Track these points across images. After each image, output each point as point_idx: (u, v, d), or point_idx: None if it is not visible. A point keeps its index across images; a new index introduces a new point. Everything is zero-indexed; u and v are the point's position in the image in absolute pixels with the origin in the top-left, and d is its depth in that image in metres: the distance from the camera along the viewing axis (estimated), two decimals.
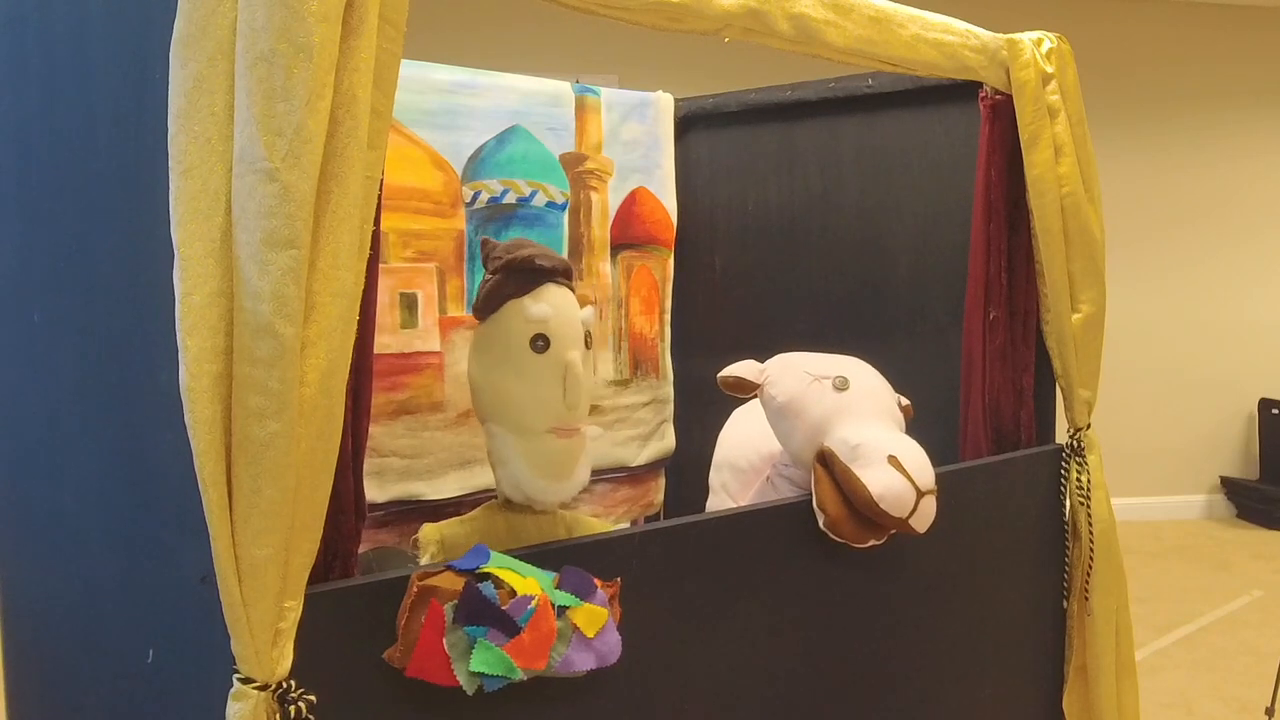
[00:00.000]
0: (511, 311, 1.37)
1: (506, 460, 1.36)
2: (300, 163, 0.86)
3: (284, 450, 0.87)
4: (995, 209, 1.75)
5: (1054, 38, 1.73)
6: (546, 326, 1.36)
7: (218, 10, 0.88)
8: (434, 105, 1.83)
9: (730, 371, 1.56)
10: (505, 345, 1.36)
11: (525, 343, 1.35)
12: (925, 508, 1.37)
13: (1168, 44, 5.28)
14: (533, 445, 1.35)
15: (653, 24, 1.23)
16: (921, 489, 1.35)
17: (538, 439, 1.36)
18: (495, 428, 1.37)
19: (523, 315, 1.36)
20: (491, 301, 1.39)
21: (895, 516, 1.35)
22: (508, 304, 1.37)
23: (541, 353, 1.36)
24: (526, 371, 1.35)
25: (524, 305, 1.36)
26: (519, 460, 1.35)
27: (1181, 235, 5.32)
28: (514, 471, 1.36)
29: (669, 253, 2.27)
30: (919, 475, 1.36)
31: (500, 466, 1.37)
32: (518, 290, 1.37)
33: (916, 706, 1.60)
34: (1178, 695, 3.12)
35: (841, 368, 1.51)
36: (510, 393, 1.35)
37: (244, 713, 0.90)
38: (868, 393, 1.49)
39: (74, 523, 1.20)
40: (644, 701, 1.26)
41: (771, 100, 2.21)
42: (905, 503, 1.35)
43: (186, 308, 0.87)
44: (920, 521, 1.37)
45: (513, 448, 1.35)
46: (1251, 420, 5.38)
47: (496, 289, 1.38)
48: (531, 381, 1.35)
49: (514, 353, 1.36)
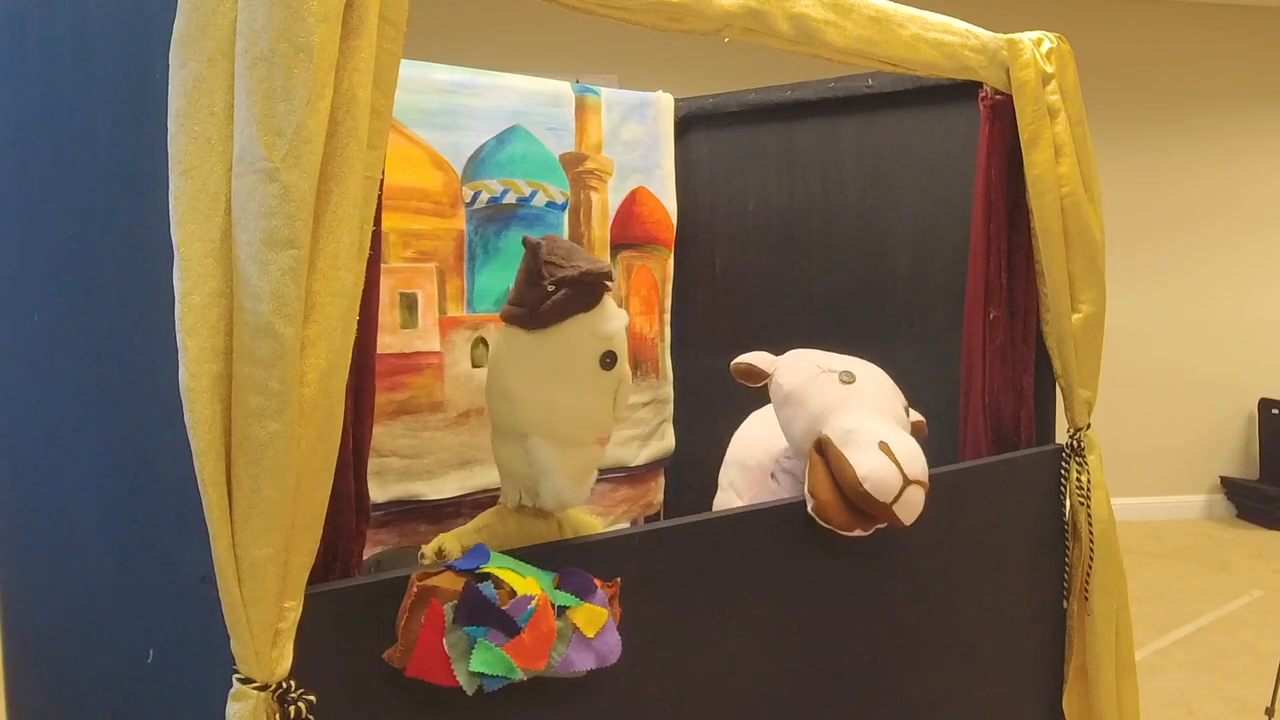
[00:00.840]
0: (580, 327, 1.30)
1: (551, 472, 1.30)
2: (300, 163, 0.86)
3: (284, 450, 0.87)
4: (995, 209, 1.75)
5: (1054, 38, 1.73)
6: (613, 343, 1.32)
7: (217, 10, 0.88)
8: (434, 105, 1.83)
9: (744, 359, 1.59)
10: (567, 360, 1.30)
11: (594, 360, 1.30)
12: (911, 497, 1.36)
13: (1168, 44, 5.28)
14: (575, 455, 1.32)
15: (653, 24, 1.23)
16: (909, 477, 1.35)
17: (582, 449, 1.33)
18: (540, 441, 1.31)
19: (593, 332, 1.30)
20: (554, 314, 1.31)
21: (879, 501, 1.34)
22: (575, 318, 1.31)
23: (609, 369, 1.31)
24: (589, 386, 1.31)
25: (594, 322, 1.30)
26: (560, 471, 1.31)
27: (1181, 235, 5.32)
28: (557, 483, 1.31)
29: (669, 253, 2.27)
30: (908, 463, 1.36)
31: (544, 479, 1.31)
32: (584, 305, 1.31)
33: (916, 706, 1.60)
34: (1178, 695, 3.12)
35: (851, 365, 1.53)
36: (565, 405, 1.30)
37: (244, 713, 0.90)
38: (872, 389, 1.50)
39: (74, 523, 1.20)
40: (644, 701, 1.26)
41: (771, 100, 2.21)
42: (889, 487, 1.34)
43: (186, 308, 0.87)
44: (905, 511, 1.37)
45: (557, 459, 1.31)
46: (1251, 420, 5.38)
47: (562, 304, 1.30)
48: (591, 396, 1.31)
49: (577, 368, 1.30)
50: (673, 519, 1.37)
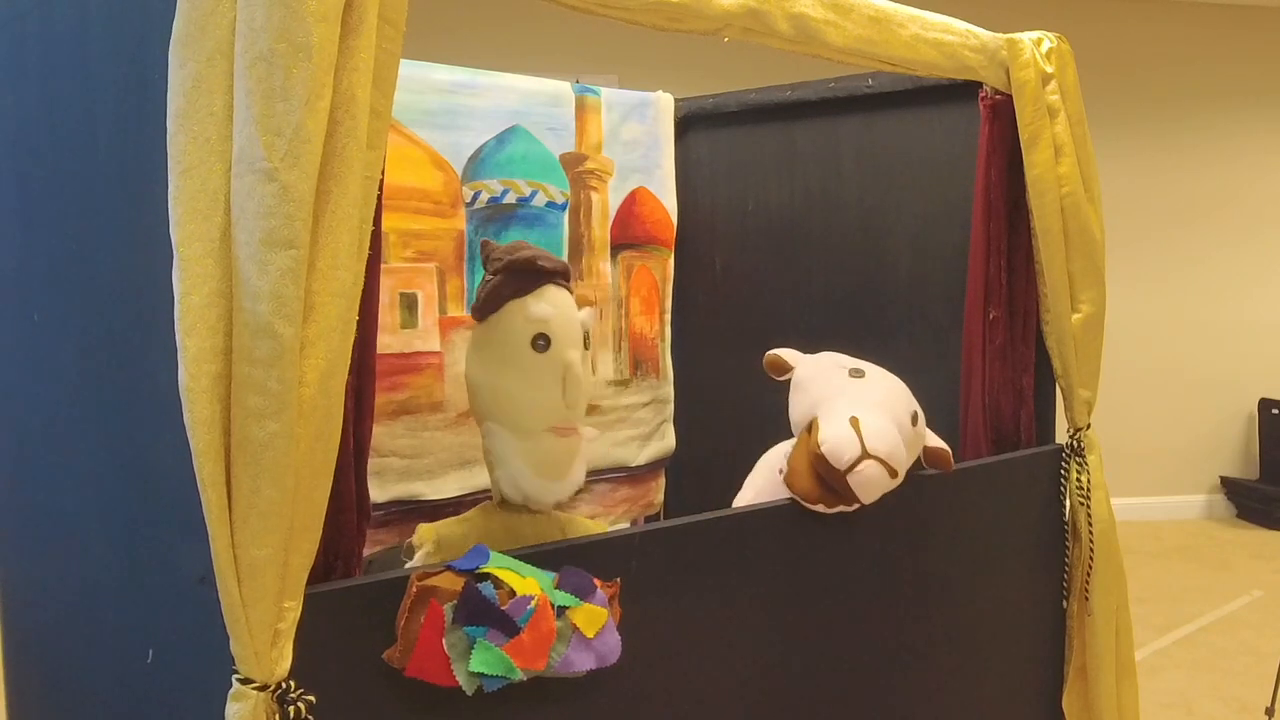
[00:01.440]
0: (512, 311, 1.38)
1: (505, 459, 1.37)
2: (299, 163, 0.86)
3: (283, 450, 0.87)
4: (995, 209, 1.75)
5: (1054, 38, 1.73)
6: (548, 326, 1.37)
7: (217, 10, 0.88)
8: (434, 105, 1.83)
9: (775, 352, 1.63)
10: (505, 345, 1.37)
11: (526, 342, 1.36)
12: (868, 470, 1.37)
13: (1168, 44, 5.28)
14: (531, 445, 1.36)
15: (653, 24, 1.23)
16: (867, 450, 1.36)
17: (536, 438, 1.36)
18: (494, 427, 1.37)
19: (524, 315, 1.37)
20: (492, 302, 1.39)
21: (833, 467, 1.36)
22: (509, 304, 1.38)
23: (542, 352, 1.37)
24: (527, 371, 1.36)
25: (525, 305, 1.37)
26: (517, 459, 1.36)
27: (1181, 235, 5.32)
28: (513, 471, 1.37)
29: (669, 253, 2.27)
30: (872, 439, 1.37)
31: (499, 466, 1.38)
32: (518, 290, 1.38)
33: (917, 706, 1.60)
34: (1178, 695, 3.12)
35: (868, 367, 1.56)
36: (510, 392, 1.36)
37: (243, 713, 0.90)
38: (878, 385, 1.52)
39: (74, 523, 1.20)
40: (644, 701, 1.26)
41: (771, 100, 2.21)
42: (845, 455, 1.36)
43: (185, 308, 0.87)
44: (861, 484, 1.37)
45: (511, 447, 1.36)
46: (1251, 420, 5.38)
47: (497, 289, 1.39)
48: (532, 381, 1.36)
49: (515, 352, 1.36)
50: (673, 519, 1.38)
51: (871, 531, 1.48)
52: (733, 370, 2.29)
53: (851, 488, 1.38)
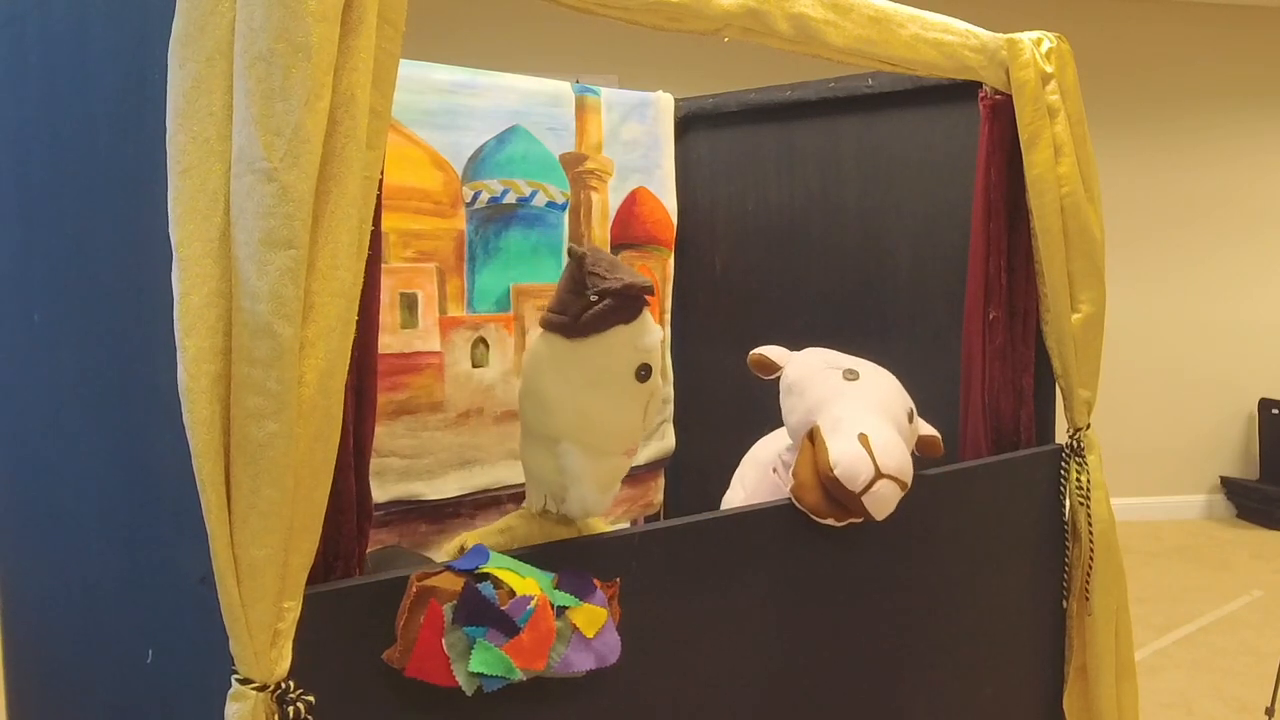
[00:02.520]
0: (620, 338, 1.33)
1: (580, 480, 1.33)
2: (299, 162, 0.86)
3: (282, 450, 0.87)
4: (995, 209, 1.75)
5: (1054, 37, 1.73)
6: (651, 357, 1.34)
7: (216, 10, 0.88)
8: (434, 105, 1.83)
9: (759, 351, 1.62)
10: (605, 370, 1.33)
11: (630, 371, 1.32)
12: (881, 490, 1.36)
13: (1168, 44, 5.28)
14: (604, 464, 1.34)
15: (653, 24, 1.23)
16: (881, 470, 1.35)
17: (611, 459, 1.34)
18: (571, 447, 1.33)
19: (632, 344, 1.32)
20: (597, 325, 1.33)
21: (847, 488, 1.34)
22: (615, 329, 1.33)
23: (644, 382, 1.33)
24: (622, 397, 1.33)
25: (634, 334, 1.33)
26: (589, 479, 1.33)
27: (1181, 235, 5.32)
28: (584, 491, 1.33)
29: (669, 253, 2.27)
30: (884, 456, 1.36)
31: (573, 485, 1.33)
32: (626, 317, 1.33)
33: (917, 705, 1.60)
34: (1178, 695, 3.12)
35: (860, 366, 1.55)
36: (601, 416, 1.32)
37: (243, 713, 0.90)
38: (873, 387, 1.51)
39: (74, 523, 1.20)
40: (644, 701, 1.26)
41: (771, 100, 2.21)
42: (859, 477, 1.34)
43: (185, 308, 0.87)
44: (875, 504, 1.37)
45: (586, 467, 1.32)
46: (1251, 420, 5.37)
47: (606, 314, 1.33)
48: (624, 407, 1.33)
49: (614, 378, 1.32)
50: (673, 519, 1.37)
51: (871, 532, 1.48)
52: (732, 370, 2.28)
53: (866, 507, 1.37)
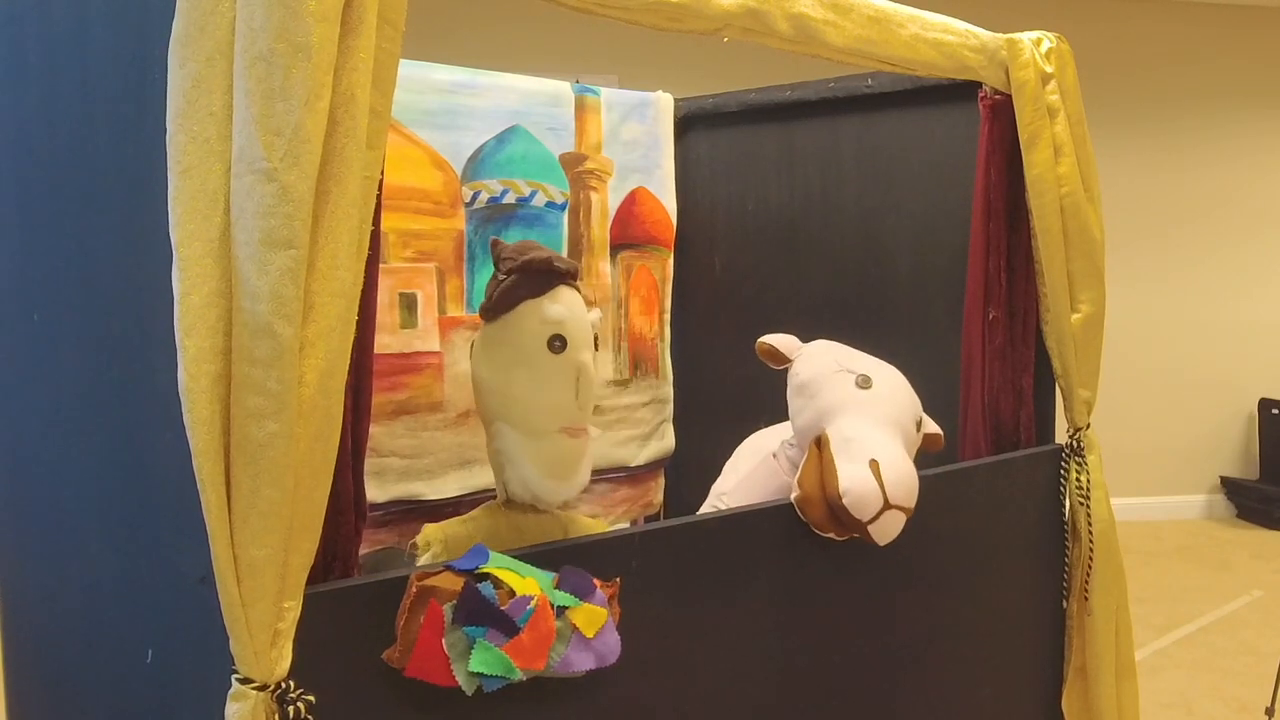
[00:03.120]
0: (527, 312, 1.37)
1: (515, 460, 1.36)
2: (299, 163, 0.86)
3: (282, 450, 0.87)
4: (995, 209, 1.75)
5: (1053, 37, 1.73)
6: (563, 328, 1.36)
7: (216, 10, 0.88)
8: (434, 105, 1.83)
9: (769, 340, 1.59)
10: (519, 345, 1.36)
11: (542, 344, 1.35)
12: (889, 520, 1.35)
13: (1168, 44, 5.28)
14: (542, 445, 1.36)
15: (653, 24, 1.23)
16: (890, 501, 1.34)
17: (547, 439, 1.36)
18: (503, 427, 1.37)
19: (539, 316, 1.36)
20: (505, 301, 1.38)
21: (854, 517, 1.34)
22: (523, 304, 1.37)
23: (558, 353, 1.35)
24: (541, 372, 1.35)
25: (541, 306, 1.36)
26: (527, 460, 1.36)
27: (1181, 235, 5.32)
28: (522, 471, 1.36)
29: (669, 253, 2.27)
30: (893, 487, 1.34)
31: (509, 466, 1.37)
32: (533, 291, 1.37)
33: (916, 706, 1.60)
34: (1178, 695, 3.12)
35: (872, 369, 1.52)
36: (522, 393, 1.35)
37: (243, 713, 0.90)
38: (886, 398, 1.48)
39: (74, 523, 1.20)
40: (644, 702, 1.26)
41: (771, 100, 2.21)
42: (868, 508, 1.33)
43: (185, 308, 0.87)
44: (880, 533, 1.36)
45: (521, 447, 1.36)
46: (1251, 420, 5.38)
47: (511, 290, 1.37)
48: (545, 382, 1.35)
49: (529, 353, 1.35)
50: (673, 519, 1.38)
51: None
52: (732, 370, 2.29)
53: (871, 535, 1.36)
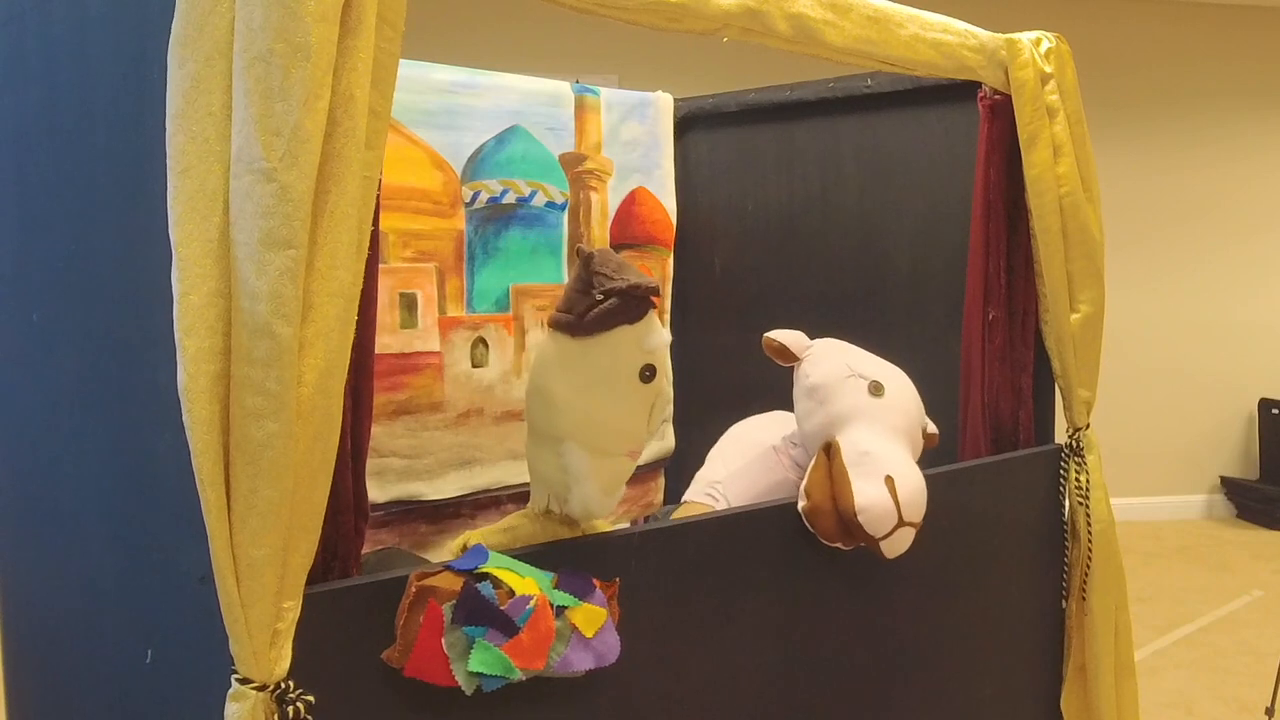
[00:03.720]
0: (624, 338, 1.32)
1: (582, 479, 1.33)
2: (298, 163, 0.86)
3: (282, 450, 0.87)
4: (994, 209, 1.75)
5: (1053, 38, 1.73)
6: (655, 358, 1.33)
7: (215, 10, 0.88)
8: (434, 105, 1.83)
9: (777, 336, 1.56)
10: (610, 370, 1.32)
11: (635, 372, 1.32)
12: (901, 537, 1.36)
13: (1168, 44, 5.28)
14: (607, 465, 1.33)
15: (652, 24, 1.23)
16: (904, 519, 1.35)
17: (613, 460, 1.34)
18: (574, 447, 1.32)
19: (637, 345, 1.32)
20: (600, 324, 1.33)
21: (868, 533, 1.34)
22: (619, 329, 1.32)
23: (648, 382, 1.33)
24: (627, 399, 1.33)
25: (639, 334, 1.33)
26: (591, 480, 1.33)
27: (1181, 235, 5.32)
28: (586, 489, 1.33)
29: (668, 253, 2.27)
30: (907, 505, 1.35)
31: (575, 485, 1.33)
32: (630, 317, 1.33)
33: (916, 706, 1.60)
34: (1178, 695, 3.12)
35: (883, 375, 1.51)
36: (604, 416, 1.32)
37: (242, 713, 0.90)
38: (897, 407, 1.48)
39: (74, 523, 1.20)
40: (643, 702, 1.26)
41: (771, 100, 2.21)
42: (884, 525, 1.34)
43: (184, 308, 0.87)
44: (891, 548, 1.37)
45: (589, 467, 1.32)
46: (1251, 420, 5.37)
47: (610, 313, 1.32)
48: (629, 408, 1.33)
49: (618, 379, 1.32)
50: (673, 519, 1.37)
51: None
52: (732, 370, 2.29)
53: (882, 550, 1.36)
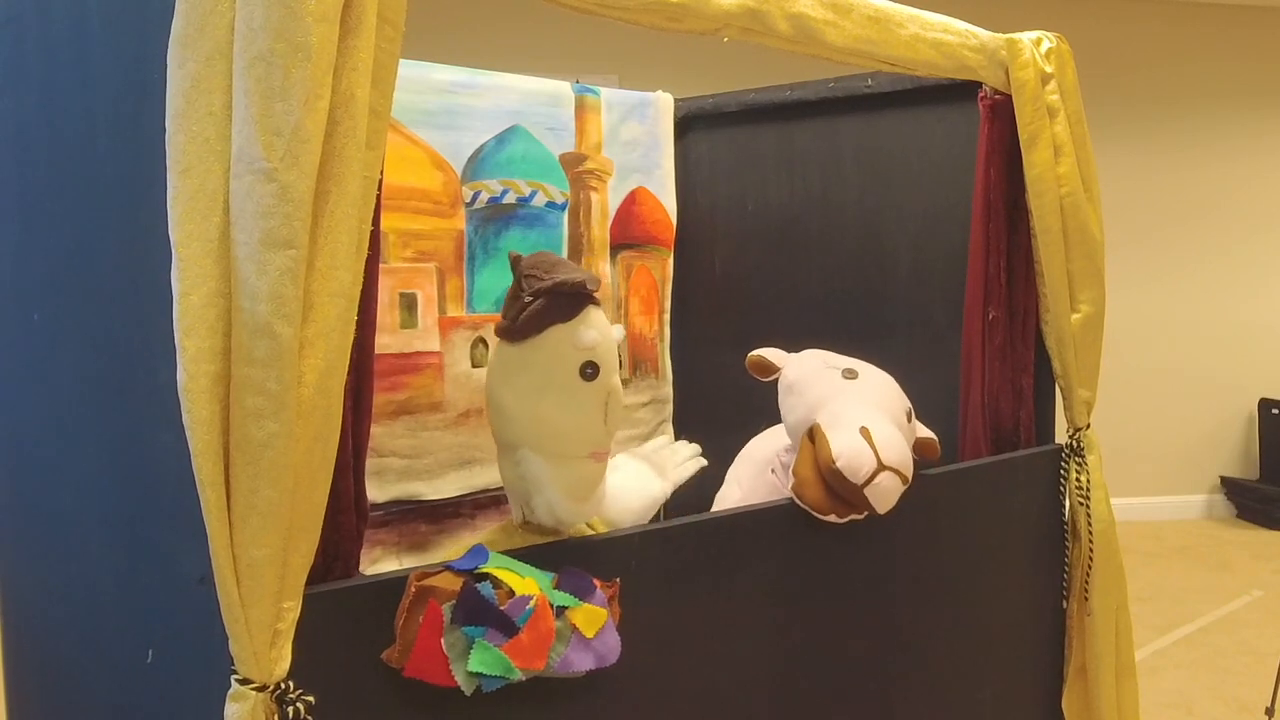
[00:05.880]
0: (558, 338, 1.29)
1: (542, 486, 1.30)
2: (298, 163, 0.86)
3: (282, 451, 0.87)
4: (995, 209, 1.75)
5: (1053, 37, 1.73)
6: (595, 354, 1.29)
7: (215, 10, 0.88)
8: (434, 105, 1.83)
9: (757, 353, 1.65)
10: (548, 372, 1.29)
11: (574, 371, 1.28)
12: (884, 482, 1.36)
13: (1168, 44, 5.28)
14: (568, 470, 1.30)
15: (652, 24, 1.23)
16: (883, 463, 1.36)
17: (575, 464, 1.31)
18: (529, 454, 1.30)
19: (572, 343, 1.28)
20: (532, 326, 1.30)
21: (850, 481, 1.35)
22: (552, 329, 1.29)
23: (590, 380, 1.29)
24: (572, 399, 1.29)
25: (573, 332, 1.29)
26: (554, 486, 1.29)
27: (1181, 235, 5.32)
28: (549, 497, 1.30)
29: (668, 253, 2.27)
30: (885, 449, 1.37)
31: (536, 493, 1.31)
32: (563, 315, 1.29)
33: (916, 705, 1.60)
34: (1178, 695, 3.12)
35: (858, 366, 1.56)
36: (553, 420, 1.29)
37: (242, 713, 0.90)
38: (872, 387, 1.52)
39: (74, 523, 1.20)
40: (643, 702, 1.26)
41: (771, 100, 2.21)
42: (862, 469, 1.35)
43: (184, 308, 0.87)
44: (878, 497, 1.37)
45: (549, 474, 1.30)
46: (1251, 420, 5.37)
47: (540, 314, 1.29)
48: (576, 409, 1.29)
49: (560, 380, 1.29)
50: (673, 519, 1.37)
51: (871, 531, 1.48)
52: (732, 371, 2.28)
53: (869, 500, 1.37)
